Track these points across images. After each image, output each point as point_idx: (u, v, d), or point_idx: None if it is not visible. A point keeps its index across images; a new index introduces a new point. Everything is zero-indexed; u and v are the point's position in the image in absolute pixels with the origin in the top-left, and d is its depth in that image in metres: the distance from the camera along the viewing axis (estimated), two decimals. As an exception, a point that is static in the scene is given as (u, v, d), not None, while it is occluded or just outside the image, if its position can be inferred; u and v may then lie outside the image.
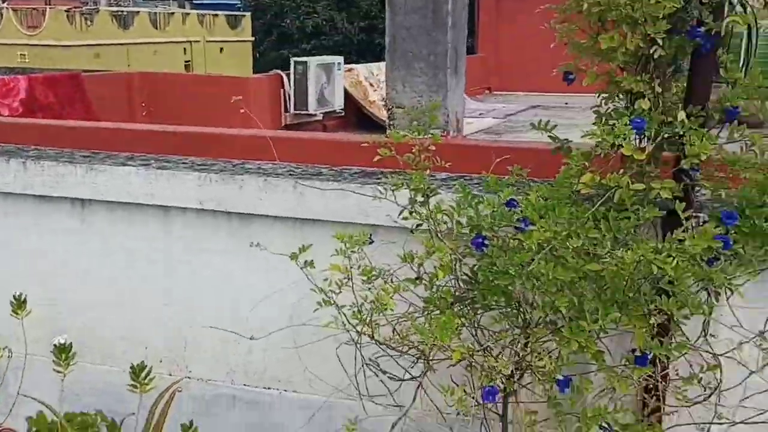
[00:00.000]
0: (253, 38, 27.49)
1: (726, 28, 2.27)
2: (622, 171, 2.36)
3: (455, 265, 2.34)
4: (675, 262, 1.88)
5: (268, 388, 3.21)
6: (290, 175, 3.06)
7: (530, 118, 10.37)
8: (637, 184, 2.27)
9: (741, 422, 2.40)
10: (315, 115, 10.28)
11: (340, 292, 2.39)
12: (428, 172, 2.45)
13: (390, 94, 4.41)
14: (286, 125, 10.05)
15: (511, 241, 2.17)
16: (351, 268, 2.34)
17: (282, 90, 10.39)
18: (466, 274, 2.32)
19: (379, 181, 2.97)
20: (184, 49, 24.93)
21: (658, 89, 2.27)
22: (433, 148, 2.45)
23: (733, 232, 2.18)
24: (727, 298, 2.28)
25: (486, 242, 2.10)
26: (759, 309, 2.34)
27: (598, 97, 2.47)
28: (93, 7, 22.68)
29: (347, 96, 10.55)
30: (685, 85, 2.37)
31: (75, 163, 3.25)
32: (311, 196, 2.93)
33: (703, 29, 2.22)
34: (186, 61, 24.96)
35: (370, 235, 2.47)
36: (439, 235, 2.37)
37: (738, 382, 2.36)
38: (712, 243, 2.08)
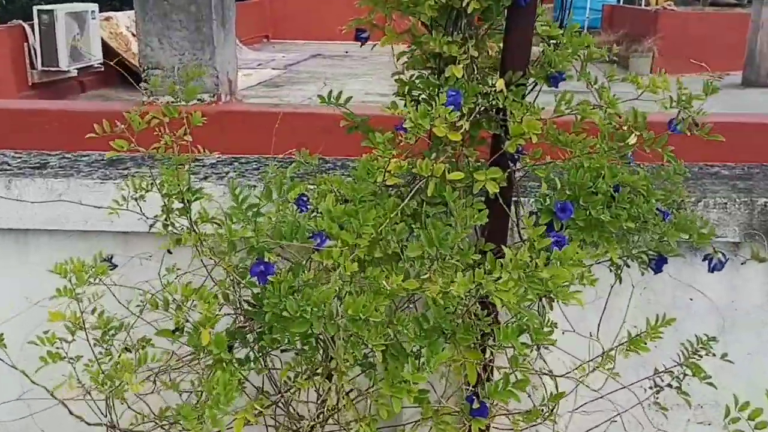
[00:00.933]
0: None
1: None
2: (434, 155, 1.90)
3: (234, 290, 1.76)
4: (516, 289, 1.44)
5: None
6: (2, 170, 2.27)
7: (312, 68, 9.88)
8: (456, 173, 1.81)
9: None
10: (68, 71, 8.97)
11: (74, 339, 1.73)
12: (186, 168, 1.81)
13: (144, 51, 3.65)
14: (33, 84, 8.70)
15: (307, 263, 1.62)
16: (84, 310, 1.67)
17: (26, 44, 8.95)
18: (248, 302, 1.74)
19: (126, 172, 2.29)
20: None
21: (474, 52, 1.81)
22: (189, 137, 1.80)
23: (568, 227, 1.80)
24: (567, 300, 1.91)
25: (270, 270, 1.53)
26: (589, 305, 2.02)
27: (398, 60, 1.97)
28: None
29: (106, 48, 9.34)
30: (501, 46, 1.93)
31: None
32: (31, 198, 2.18)
33: (519, -23, 1.78)
34: None
35: (111, 257, 1.81)
36: (210, 251, 1.77)
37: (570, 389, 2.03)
38: (543, 243, 1.69)
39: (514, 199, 1.99)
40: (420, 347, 1.51)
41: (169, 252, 1.78)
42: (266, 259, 1.53)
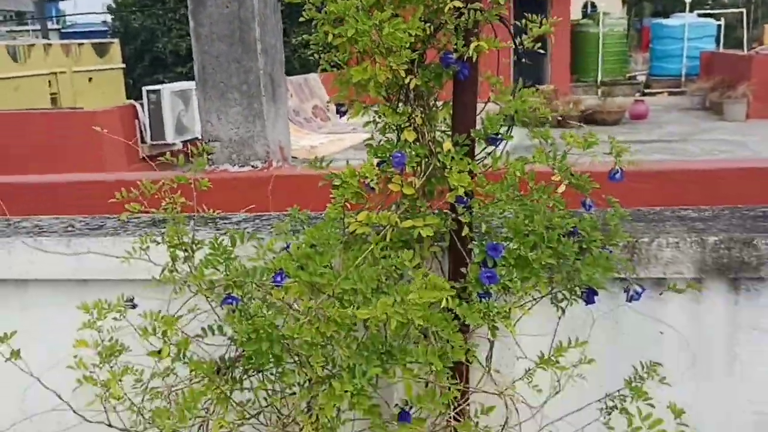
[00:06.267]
0: (123, 65, 26.52)
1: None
2: (394, 207, 2.25)
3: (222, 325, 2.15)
4: (422, 312, 1.75)
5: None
6: (66, 231, 2.79)
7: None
8: (408, 221, 2.15)
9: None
10: (174, 144, 9.91)
11: (101, 367, 2.16)
12: (191, 223, 2.24)
13: (205, 127, 4.19)
14: (143, 157, 9.63)
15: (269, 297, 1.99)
16: (104, 341, 2.11)
17: (137, 120, 9.97)
18: (232, 338, 2.13)
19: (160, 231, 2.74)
20: (49, 81, 23.69)
21: (418, 120, 2.16)
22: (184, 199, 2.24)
23: (501, 264, 2.08)
24: (511, 330, 2.18)
25: (237, 303, 1.92)
26: (544, 337, 2.27)
27: (364, 127, 2.35)
28: (-59, 43, 21.25)
29: (207, 122, 10.23)
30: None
31: None
32: (87, 255, 2.67)
33: (454, 55, 2.12)
34: (52, 94, 23.75)
35: (132, 298, 2.24)
36: (207, 295, 2.18)
37: (530, 416, 2.27)
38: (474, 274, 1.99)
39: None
40: (353, 365, 1.84)
41: (175, 292, 2.20)
42: (232, 293, 1.92)
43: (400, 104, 2.18)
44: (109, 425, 2.05)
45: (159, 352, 1.93)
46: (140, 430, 1.99)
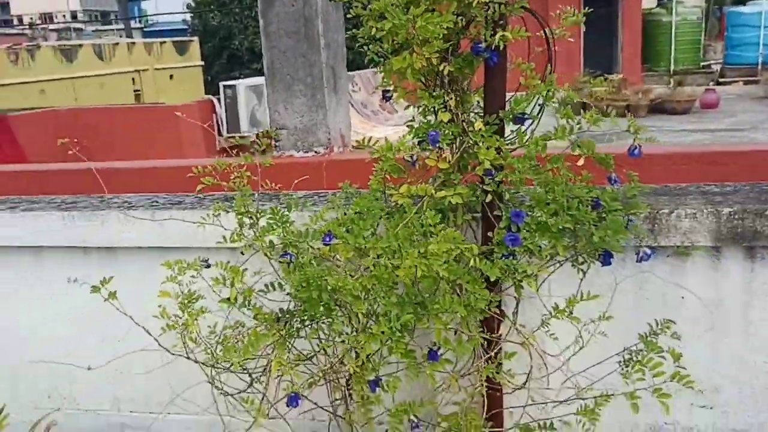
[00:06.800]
0: (202, 62, 27.52)
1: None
2: (431, 180, 2.54)
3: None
4: (441, 264, 2.04)
5: (152, 413, 3.33)
6: (151, 205, 3.20)
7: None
8: (442, 192, 2.44)
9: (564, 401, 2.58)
10: (248, 136, 10.42)
11: (184, 315, 2.53)
12: (259, 189, 2.60)
13: (273, 116, 4.56)
14: (220, 149, 10.18)
15: (320, 254, 2.33)
16: (184, 293, 2.48)
17: (214, 114, 10.53)
18: (290, 293, 2.47)
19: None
20: (133, 79, 24.87)
21: (452, 103, 2.45)
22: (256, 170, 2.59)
23: (525, 229, 2.36)
24: (535, 289, 2.45)
25: (291, 258, 2.26)
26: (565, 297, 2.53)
27: (405, 110, 2.65)
28: (33, 43, 22.55)
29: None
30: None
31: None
32: (169, 225, 3.07)
33: (484, 45, 2.40)
34: (136, 91, 24.91)
35: (207, 259, 2.61)
36: (267, 254, 2.53)
37: (557, 367, 2.54)
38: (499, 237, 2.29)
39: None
40: (389, 311, 2.15)
41: (242, 253, 2.55)
42: (288, 251, 2.26)
43: (437, 89, 2.47)
44: (188, 358, 2.42)
45: (228, 299, 2.28)
46: (213, 364, 2.35)
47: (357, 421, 2.50)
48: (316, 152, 4.52)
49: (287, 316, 2.43)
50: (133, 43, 26.32)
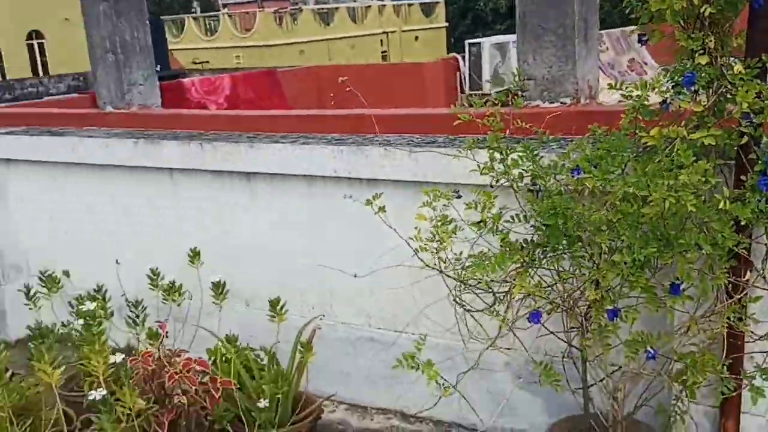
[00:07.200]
0: (446, 24, 28.08)
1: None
2: (684, 123, 2.56)
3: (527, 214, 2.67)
4: (697, 200, 2.08)
5: (399, 331, 3.69)
6: (408, 144, 3.51)
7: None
8: (696, 133, 2.46)
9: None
10: (489, 94, 10.61)
11: (434, 241, 2.80)
12: (506, 133, 2.78)
13: (522, 66, 4.69)
14: (466, 103, 10.46)
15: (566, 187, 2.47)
16: (437, 219, 2.74)
17: (458, 72, 10.84)
18: (534, 224, 2.64)
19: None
20: (381, 40, 26.09)
21: (710, 45, 2.43)
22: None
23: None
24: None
25: (540, 188, 2.42)
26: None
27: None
28: (296, 7, 24.44)
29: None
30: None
31: (240, 143, 3.94)
32: (424, 161, 3.36)
33: (750, -15, 2.35)
34: (383, 52, 26.12)
35: (458, 191, 2.85)
36: (515, 187, 2.71)
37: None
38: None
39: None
40: (631, 244, 2.24)
41: (491, 186, 2.76)
42: (537, 182, 2.42)
43: (695, 32, 2.47)
44: (440, 271, 2.69)
45: (479, 222, 2.51)
46: (462, 281, 2.60)
47: (593, 350, 2.62)
48: (562, 103, 4.59)
49: (530, 245, 2.60)
50: (384, 5, 27.51)
